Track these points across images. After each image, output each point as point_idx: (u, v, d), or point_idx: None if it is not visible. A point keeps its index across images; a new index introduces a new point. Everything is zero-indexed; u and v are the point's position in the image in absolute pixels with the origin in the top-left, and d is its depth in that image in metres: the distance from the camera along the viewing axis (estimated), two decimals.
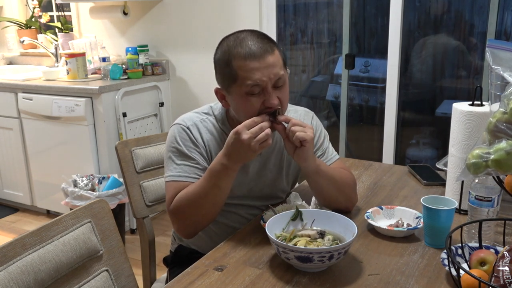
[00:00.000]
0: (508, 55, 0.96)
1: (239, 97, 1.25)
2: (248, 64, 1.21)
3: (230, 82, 1.25)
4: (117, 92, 2.93)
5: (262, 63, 1.21)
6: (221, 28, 3.05)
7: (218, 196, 1.25)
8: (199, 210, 1.26)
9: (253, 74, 1.21)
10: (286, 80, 1.28)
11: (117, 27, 3.48)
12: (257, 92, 1.23)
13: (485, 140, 0.94)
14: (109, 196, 2.70)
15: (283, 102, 1.27)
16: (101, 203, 1.16)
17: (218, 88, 1.32)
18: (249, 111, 1.25)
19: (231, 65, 1.23)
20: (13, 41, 4.04)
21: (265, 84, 1.22)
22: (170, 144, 1.35)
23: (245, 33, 1.27)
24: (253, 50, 1.22)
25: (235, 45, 1.24)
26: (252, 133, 1.17)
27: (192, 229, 1.32)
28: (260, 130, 1.17)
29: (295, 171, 1.51)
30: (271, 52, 1.24)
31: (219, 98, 1.34)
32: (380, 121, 2.87)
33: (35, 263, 0.97)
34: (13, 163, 3.40)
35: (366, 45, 3.06)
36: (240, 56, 1.22)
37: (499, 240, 1.14)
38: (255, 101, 1.24)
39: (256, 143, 1.17)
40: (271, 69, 1.22)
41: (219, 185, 1.23)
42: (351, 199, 1.40)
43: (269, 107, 1.24)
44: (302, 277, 1.06)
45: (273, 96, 1.24)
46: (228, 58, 1.24)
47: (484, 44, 2.61)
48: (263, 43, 1.24)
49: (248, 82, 1.21)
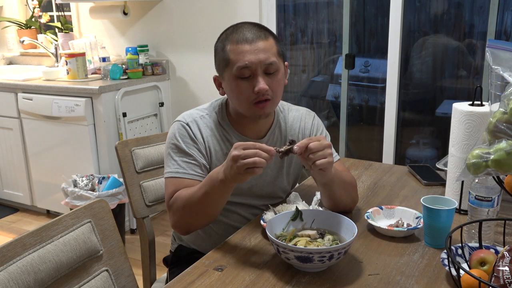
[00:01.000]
0: (508, 55, 0.96)
1: (231, 81, 1.28)
2: (239, 47, 1.25)
3: (223, 67, 1.29)
4: (117, 92, 2.93)
5: (253, 47, 1.24)
6: (221, 28, 3.00)
7: (210, 206, 1.24)
8: (193, 215, 1.26)
9: (243, 56, 1.24)
10: (279, 69, 1.29)
11: (117, 27, 3.48)
12: (247, 75, 1.25)
13: (485, 140, 0.94)
14: (109, 196, 2.70)
15: (274, 90, 1.28)
16: (101, 203, 1.16)
17: (216, 75, 1.36)
18: (240, 96, 1.27)
19: (225, 49, 1.27)
20: (13, 41, 4.04)
21: (255, 67, 1.24)
22: (169, 140, 1.36)
23: (244, 23, 1.31)
24: (246, 35, 1.26)
25: (232, 32, 1.29)
26: (243, 153, 1.08)
27: (187, 228, 1.33)
28: (253, 155, 1.08)
29: (296, 171, 1.51)
30: (264, 39, 1.27)
31: (217, 85, 1.37)
32: (380, 121, 2.87)
33: (35, 263, 0.96)
34: (13, 163, 3.40)
35: (366, 45, 3.06)
36: (234, 41, 1.26)
37: (499, 240, 1.14)
38: (245, 86, 1.26)
39: (242, 165, 1.08)
40: (262, 54, 1.25)
41: (210, 195, 1.20)
42: (354, 199, 1.40)
43: (257, 92, 1.24)
44: (302, 277, 1.06)
45: (262, 81, 1.25)
46: (223, 43, 1.29)
47: (484, 44, 2.61)
48: (258, 31, 1.28)
49: (238, 65, 1.24)
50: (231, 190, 1.21)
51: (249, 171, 1.09)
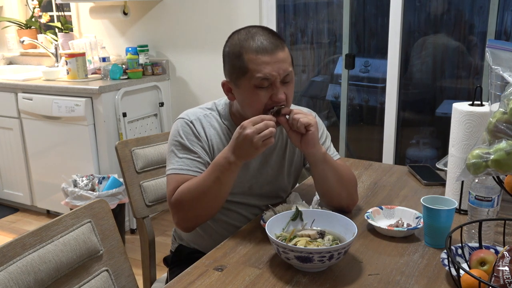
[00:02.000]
0: (508, 55, 0.96)
1: (247, 90, 1.27)
2: (259, 58, 1.24)
3: (239, 75, 1.27)
4: (117, 92, 2.93)
5: (273, 58, 1.24)
6: (221, 28, 3.05)
7: (220, 190, 1.26)
8: (200, 204, 1.26)
9: (264, 68, 1.24)
10: (293, 78, 1.31)
11: (117, 27, 3.48)
12: (266, 86, 1.26)
13: (485, 140, 0.94)
14: (109, 196, 2.70)
15: (288, 98, 1.30)
16: (101, 203, 1.16)
17: (226, 80, 1.34)
18: (256, 105, 1.27)
19: (242, 57, 1.26)
20: (13, 41, 4.04)
21: (275, 78, 1.25)
22: (173, 137, 1.36)
23: (256, 28, 1.30)
24: (265, 45, 1.25)
25: (247, 38, 1.27)
26: (257, 128, 1.17)
27: (192, 222, 1.33)
28: (265, 126, 1.18)
29: (297, 171, 1.51)
30: (282, 48, 1.27)
31: (226, 91, 1.35)
32: (380, 121, 2.87)
33: (35, 263, 0.96)
34: (13, 163, 3.40)
35: (366, 45, 3.06)
36: (252, 50, 1.25)
37: (499, 240, 1.14)
38: (263, 95, 1.26)
39: (259, 139, 1.17)
40: (281, 64, 1.25)
41: (221, 179, 1.24)
42: (352, 197, 1.40)
43: (276, 101, 1.26)
44: (302, 277, 1.06)
45: (281, 91, 1.26)
46: (239, 50, 1.27)
47: (484, 44, 2.61)
48: (274, 39, 1.27)
49: (258, 75, 1.24)
50: (238, 169, 1.25)
51: (266, 142, 1.18)
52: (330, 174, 1.32)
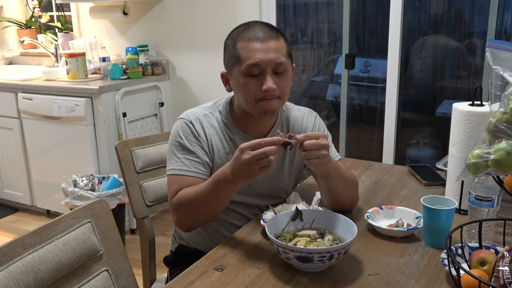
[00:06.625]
0: (508, 55, 0.96)
1: (239, 78, 1.28)
2: (250, 45, 1.26)
3: (234, 64, 1.29)
4: (117, 92, 2.93)
5: (264, 45, 1.25)
6: (221, 28, 3.05)
7: (218, 203, 1.26)
8: (198, 211, 1.27)
9: (254, 54, 1.25)
10: (288, 70, 1.30)
11: (117, 27, 3.48)
12: (256, 73, 1.26)
13: (485, 140, 0.94)
14: (109, 196, 2.70)
15: (282, 90, 1.29)
16: (101, 203, 1.16)
17: (224, 71, 1.36)
18: (247, 93, 1.28)
19: (236, 46, 1.28)
20: (13, 41, 4.04)
21: (264, 65, 1.25)
22: (173, 138, 1.37)
23: (256, 22, 1.32)
24: (258, 34, 1.27)
25: (243, 29, 1.30)
26: (254, 155, 1.10)
27: (190, 225, 1.34)
28: (263, 154, 1.09)
29: (298, 171, 1.51)
30: (276, 39, 1.28)
31: (224, 82, 1.38)
32: (380, 121, 2.87)
33: (35, 263, 0.96)
34: (13, 163, 3.40)
35: (366, 45, 3.06)
36: (245, 38, 1.27)
37: (499, 240, 1.14)
38: (253, 83, 1.26)
39: (256, 166, 1.11)
40: (272, 53, 1.26)
41: (219, 194, 1.23)
42: (354, 199, 1.40)
43: (265, 90, 1.25)
44: (302, 277, 1.06)
45: (271, 80, 1.26)
46: (234, 40, 1.29)
47: (484, 44, 2.61)
48: (269, 30, 1.29)
49: (247, 62, 1.25)
50: (237, 187, 1.23)
51: (264, 169, 1.12)
52: (335, 184, 1.31)
